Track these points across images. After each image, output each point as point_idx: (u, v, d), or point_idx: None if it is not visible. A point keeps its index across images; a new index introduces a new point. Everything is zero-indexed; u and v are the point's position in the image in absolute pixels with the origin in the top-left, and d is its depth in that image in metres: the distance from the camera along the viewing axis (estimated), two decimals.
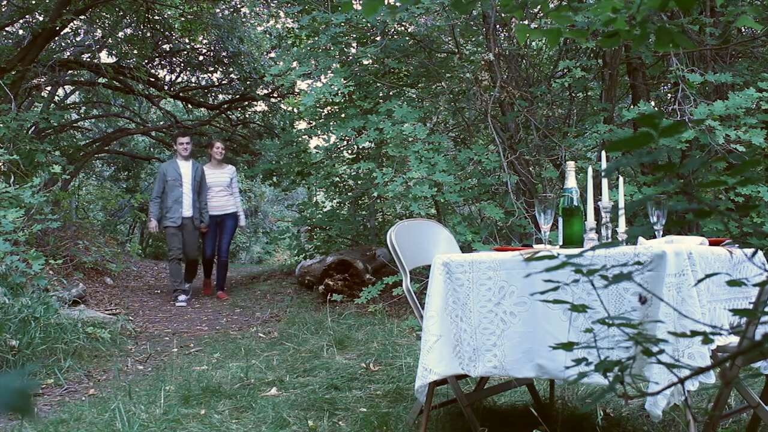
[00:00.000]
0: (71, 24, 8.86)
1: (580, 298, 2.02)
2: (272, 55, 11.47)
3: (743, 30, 5.64)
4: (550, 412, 2.74)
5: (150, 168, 16.51)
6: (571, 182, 2.41)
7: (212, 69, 11.67)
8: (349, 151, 8.25)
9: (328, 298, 6.00)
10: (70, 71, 9.92)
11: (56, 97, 11.02)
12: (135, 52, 9.82)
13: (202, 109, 12.91)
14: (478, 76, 6.22)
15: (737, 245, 2.34)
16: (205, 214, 6.78)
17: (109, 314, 5.66)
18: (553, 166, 5.42)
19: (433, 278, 2.32)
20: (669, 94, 5.63)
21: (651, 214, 2.30)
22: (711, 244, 2.26)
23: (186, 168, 6.74)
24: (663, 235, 2.29)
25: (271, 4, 9.72)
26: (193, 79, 12.34)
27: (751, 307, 1.18)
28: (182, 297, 6.64)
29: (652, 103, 5.83)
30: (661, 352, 0.93)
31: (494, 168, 5.25)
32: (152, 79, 10.65)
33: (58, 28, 7.67)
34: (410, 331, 4.78)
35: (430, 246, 2.77)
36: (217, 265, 7.23)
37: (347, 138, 5.96)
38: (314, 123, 8.01)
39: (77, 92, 11.97)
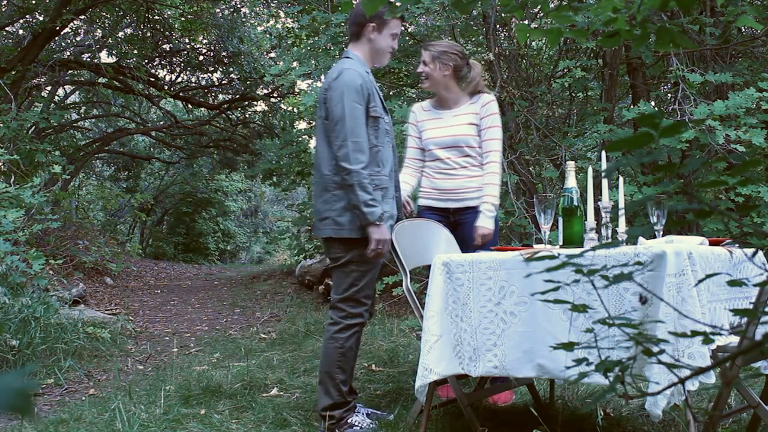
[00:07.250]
0: (71, 24, 8.86)
1: (580, 298, 2.02)
2: (272, 55, 11.48)
3: (743, 30, 5.63)
4: (550, 412, 2.74)
5: (150, 168, 16.50)
6: (571, 182, 2.41)
7: (212, 69, 11.68)
8: None
9: (328, 298, 5.99)
10: (70, 71, 9.92)
11: (56, 97, 11.02)
12: (135, 52, 9.83)
13: (202, 109, 12.93)
14: None
15: (737, 245, 2.34)
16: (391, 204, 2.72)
17: (109, 314, 5.66)
18: (553, 166, 5.42)
19: (433, 278, 2.32)
20: (669, 94, 5.63)
21: (651, 214, 2.30)
22: (711, 244, 2.26)
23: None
24: (663, 235, 2.29)
25: (271, 4, 9.72)
26: (193, 79, 12.35)
27: (751, 307, 1.18)
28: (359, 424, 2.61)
29: (652, 103, 5.82)
30: (662, 352, 0.93)
31: None
32: (152, 79, 10.66)
33: (58, 28, 7.68)
34: (410, 331, 4.78)
35: (430, 246, 2.77)
36: None
37: None
38: (314, 123, 8.00)
39: (77, 92, 11.97)
